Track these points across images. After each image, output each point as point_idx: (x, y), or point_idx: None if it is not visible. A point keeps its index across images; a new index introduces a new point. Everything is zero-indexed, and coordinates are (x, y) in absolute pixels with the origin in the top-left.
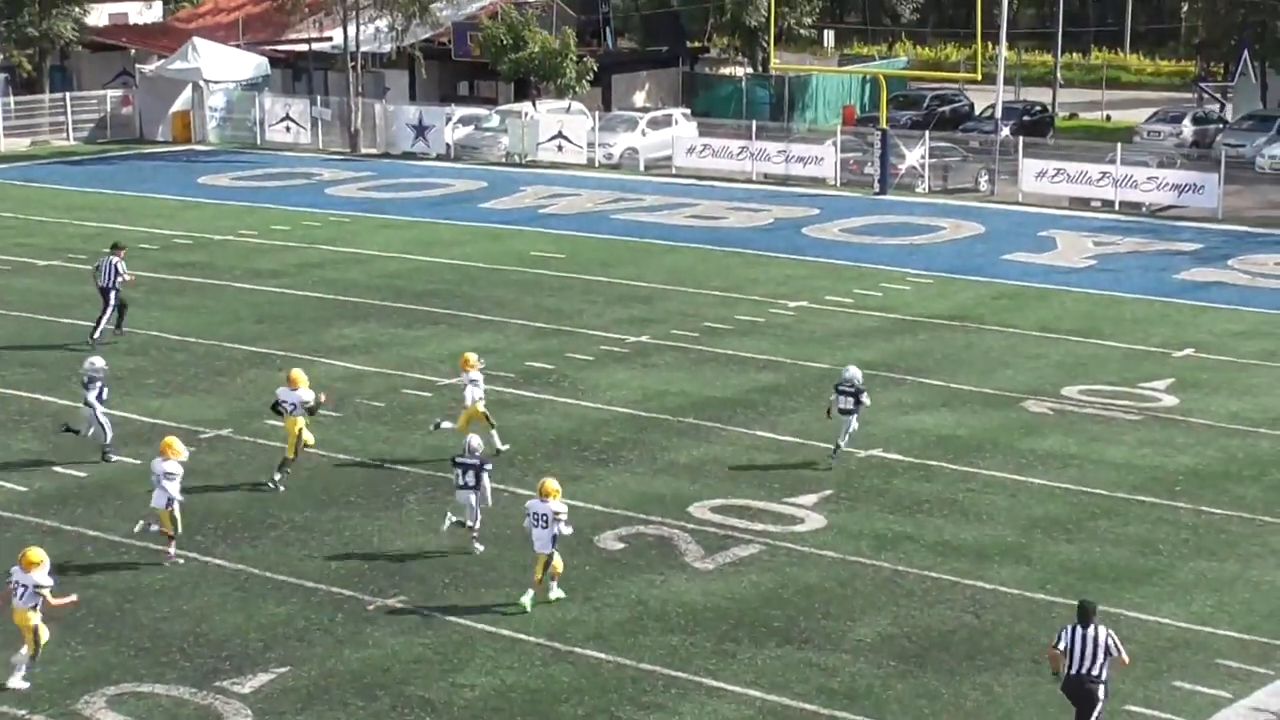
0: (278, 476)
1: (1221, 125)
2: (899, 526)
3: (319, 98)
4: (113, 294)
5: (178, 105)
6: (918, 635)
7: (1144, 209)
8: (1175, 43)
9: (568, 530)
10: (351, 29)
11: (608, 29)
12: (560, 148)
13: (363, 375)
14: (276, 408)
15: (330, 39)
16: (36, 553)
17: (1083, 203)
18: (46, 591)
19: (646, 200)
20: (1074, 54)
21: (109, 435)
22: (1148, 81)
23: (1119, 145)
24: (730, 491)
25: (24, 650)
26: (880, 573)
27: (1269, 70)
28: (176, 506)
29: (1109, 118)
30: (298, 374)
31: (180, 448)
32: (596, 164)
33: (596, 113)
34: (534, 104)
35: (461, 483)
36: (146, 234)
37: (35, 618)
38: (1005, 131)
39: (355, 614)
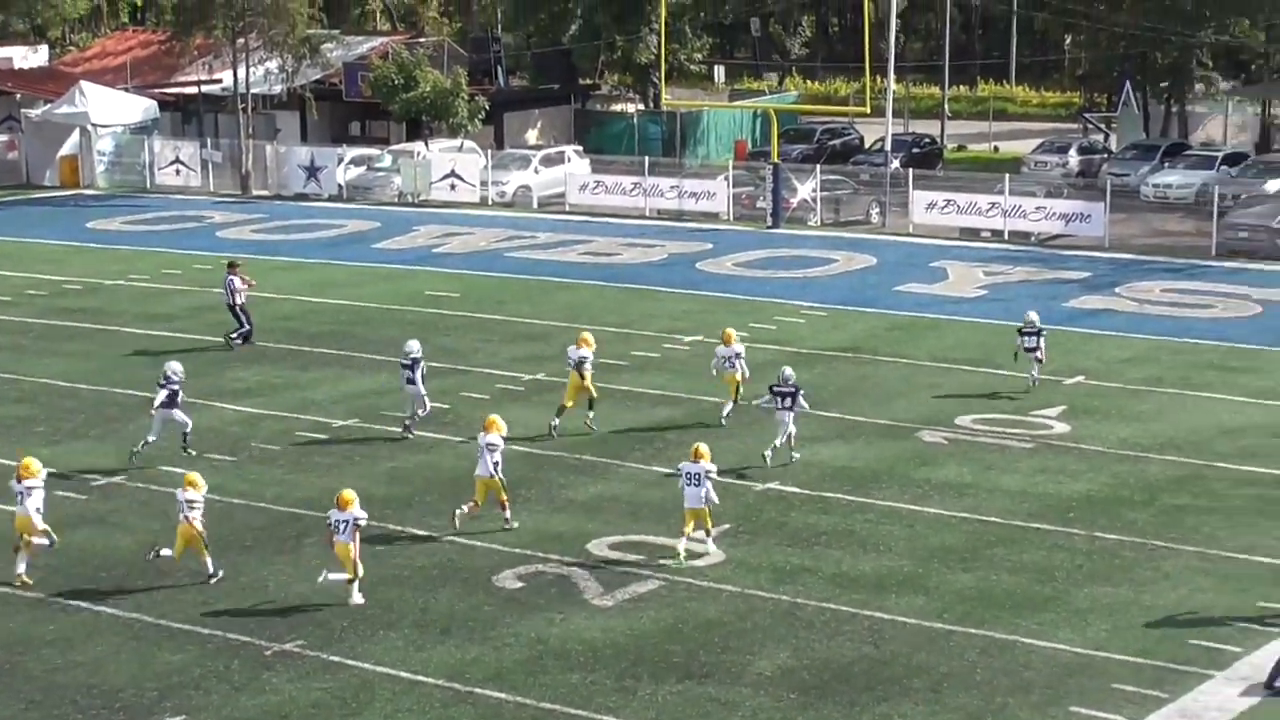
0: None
1: (1106, 155)
2: (797, 559)
3: (209, 140)
4: (238, 309)
5: (65, 150)
6: (817, 667)
7: (1033, 238)
8: (1060, 74)
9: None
10: (241, 71)
11: (499, 67)
12: (453, 187)
13: (258, 419)
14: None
15: (220, 81)
16: (349, 493)
17: (973, 233)
18: (363, 522)
19: (540, 238)
20: (961, 86)
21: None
22: (1034, 113)
23: (1007, 176)
24: (628, 528)
25: (355, 578)
26: (779, 605)
27: (1150, 100)
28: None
29: (997, 149)
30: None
31: (199, 480)
32: (490, 202)
33: (489, 151)
34: (426, 143)
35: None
36: (34, 280)
37: (354, 549)
38: (895, 164)
39: (253, 660)
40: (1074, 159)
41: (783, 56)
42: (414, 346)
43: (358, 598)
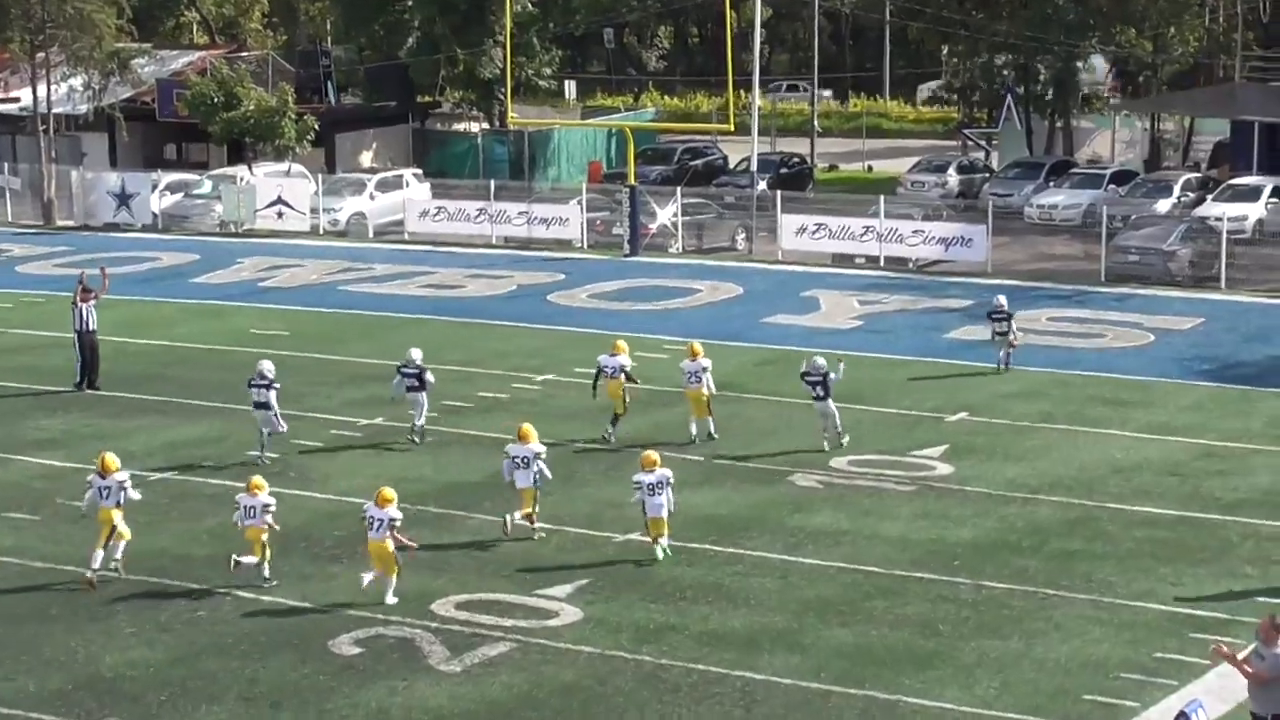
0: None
1: (987, 174)
2: (661, 616)
3: (6, 165)
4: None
5: None
6: None
7: (910, 264)
8: (937, 88)
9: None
10: (42, 88)
11: (329, 84)
12: (280, 215)
13: (63, 473)
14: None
15: (18, 100)
16: (389, 491)
17: (846, 259)
18: (399, 523)
19: (377, 270)
20: (832, 101)
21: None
22: (909, 129)
23: (882, 198)
24: (477, 585)
25: (391, 579)
26: (642, 667)
27: (1033, 115)
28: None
29: (870, 168)
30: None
31: (263, 481)
32: (321, 231)
33: (319, 175)
34: (250, 167)
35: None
36: None
37: (390, 545)
38: (762, 185)
39: None
40: (953, 178)
41: (639, 70)
42: (416, 355)
43: (391, 599)
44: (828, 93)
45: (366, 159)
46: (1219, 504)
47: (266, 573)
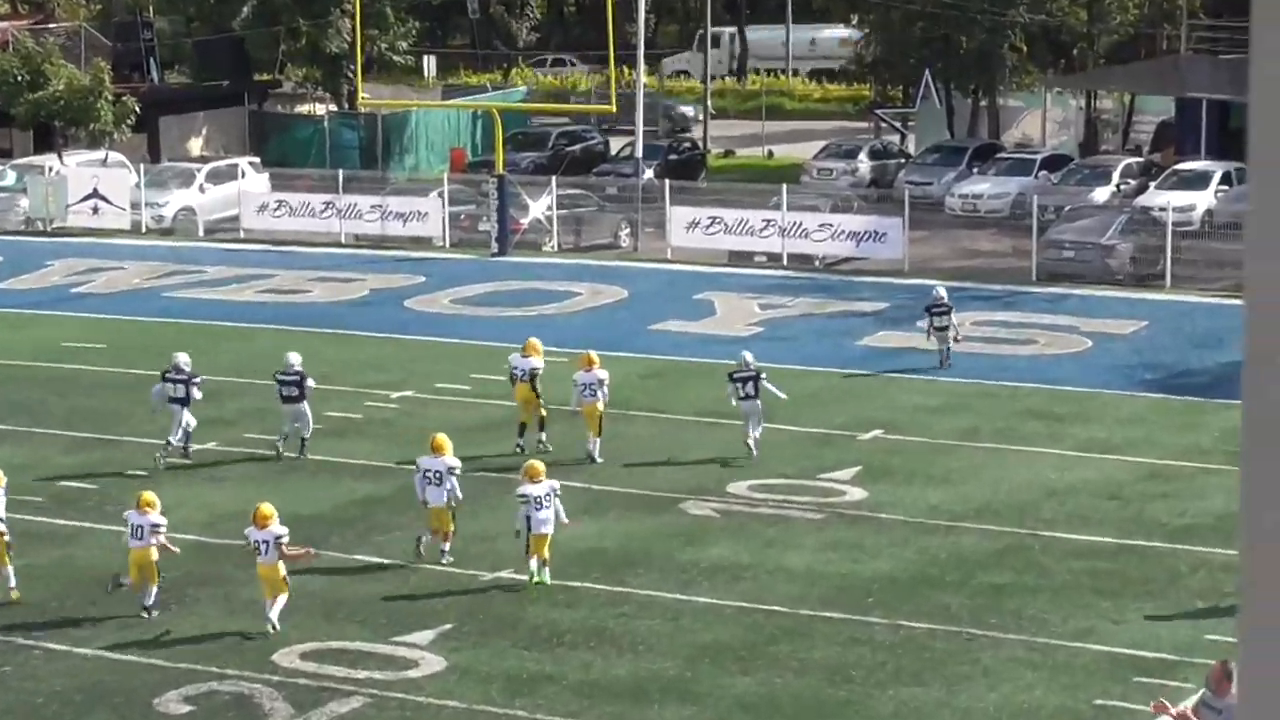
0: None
1: (903, 160)
2: (536, 664)
3: None
4: None
5: None
6: None
7: (817, 262)
8: (845, 63)
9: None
10: None
11: (152, 60)
12: (96, 210)
13: None
14: None
15: None
16: (267, 507)
17: (744, 257)
18: (286, 539)
19: (209, 272)
20: (726, 79)
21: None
22: (815, 110)
23: (784, 187)
24: (325, 632)
25: (281, 598)
26: None
27: (955, 93)
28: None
29: (771, 154)
30: None
31: (154, 498)
32: (143, 229)
33: (141, 165)
34: (60, 156)
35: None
36: None
37: (282, 569)
38: (648, 174)
39: None
40: (865, 165)
41: (508, 44)
42: (295, 360)
43: (275, 622)
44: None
45: (195, 146)
46: (1165, 530)
47: (150, 600)
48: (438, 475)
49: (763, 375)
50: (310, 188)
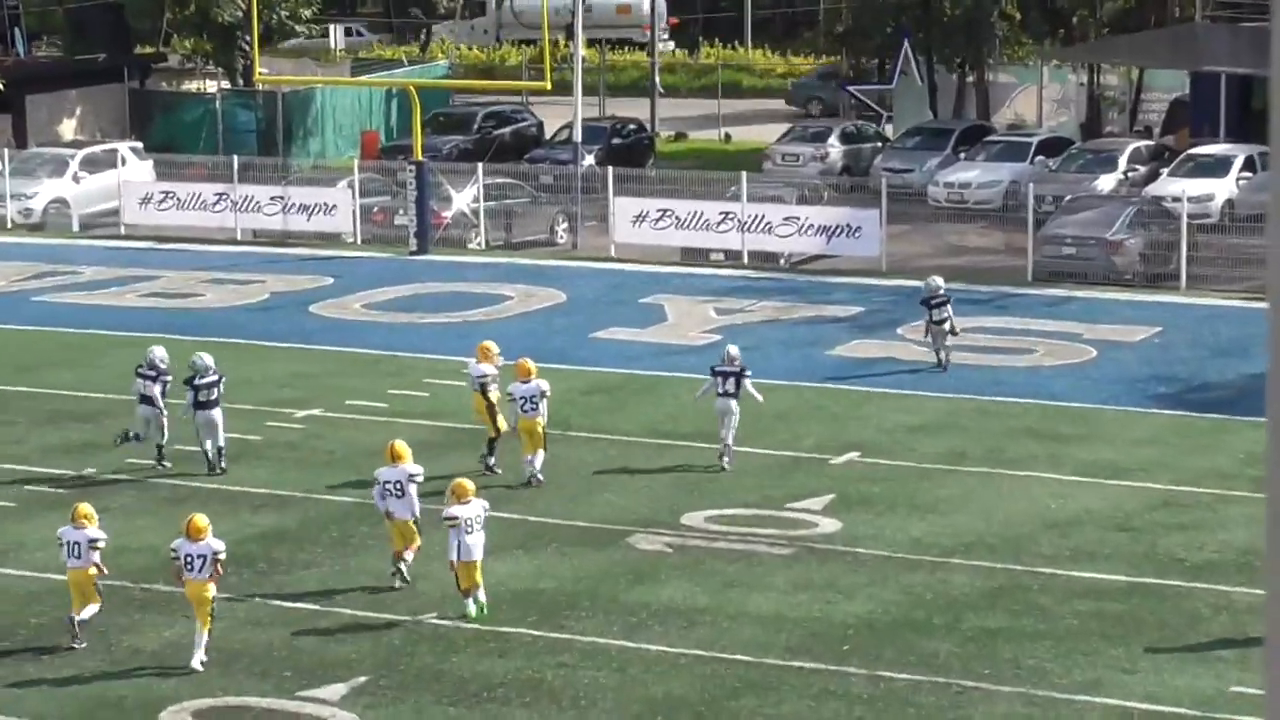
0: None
1: (880, 144)
2: None
3: None
4: None
5: None
6: None
7: (782, 261)
8: (812, 33)
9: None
10: None
11: (17, 31)
12: None
13: None
14: None
15: None
16: (201, 519)
17: (699, 255)
18: (223, 556)
19: (85, 274)
20: (678, 51)
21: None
22: (778, 87)
23: (744, 175)
24: (221, 686)
25: (202, 629)
26: None
27: (938, 67)
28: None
29: (728, 137)
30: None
31: (91, 510)
32: (9, 224)
33: (5, 151)
34: None
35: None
36: None
37: (212, 589)
38: (589, 161)
39: None
40: (835, 150)
41: (427, 13)
42: (207, 361)
43: (199, 658)
44: (671, 43)
45: (68, 129)
46: (1182, 567)
47: (83, 616)
48: (399, 486)
49: (747, 373)
50: (201, 177)
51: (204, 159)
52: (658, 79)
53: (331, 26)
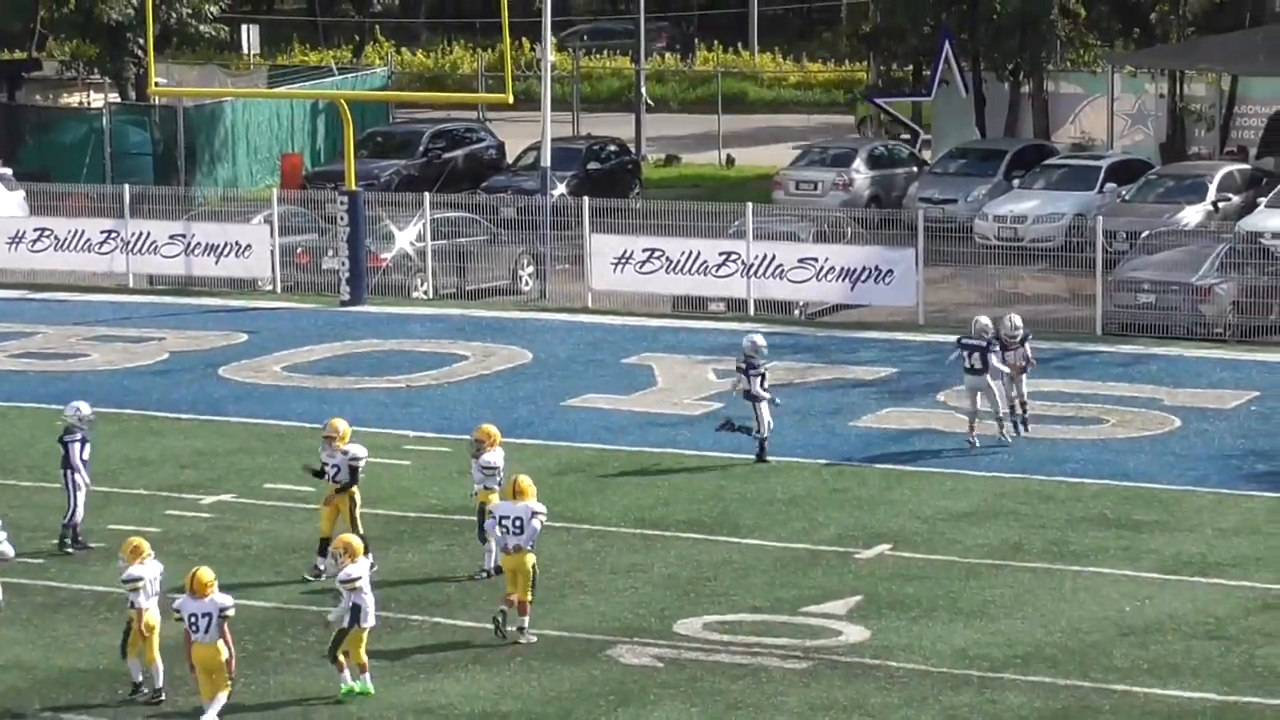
0: None
1: (915, 169)
2: None
3: None
4: None
5: None
6: None
7: (797, 312)
8: (832, 34)
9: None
10: None
11: None
12: None
13: None
14: None
15: None
16: (206, 572)
17: (695, 306)
18: (231, 612)
19: None
20: (668, 56)
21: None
22: (790, 99)
23: (749, 207)
24: None
25: (221, 697)
26: None
27: (986, 75)
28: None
29: (731, 161)
30: None
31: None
32: None
33: None
34: None
35: None
36: None
37: (224, 650)
38: (560, 190)
39: None
40: (861, 176)
41: (360, 9)
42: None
43: None
44: (661, 43)
45: None
46: None
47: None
48: (518, 523)
49: (994, 347)
50: (84, 210)
51: (87, 189)
52: (644, 90)
53: (244, 27)
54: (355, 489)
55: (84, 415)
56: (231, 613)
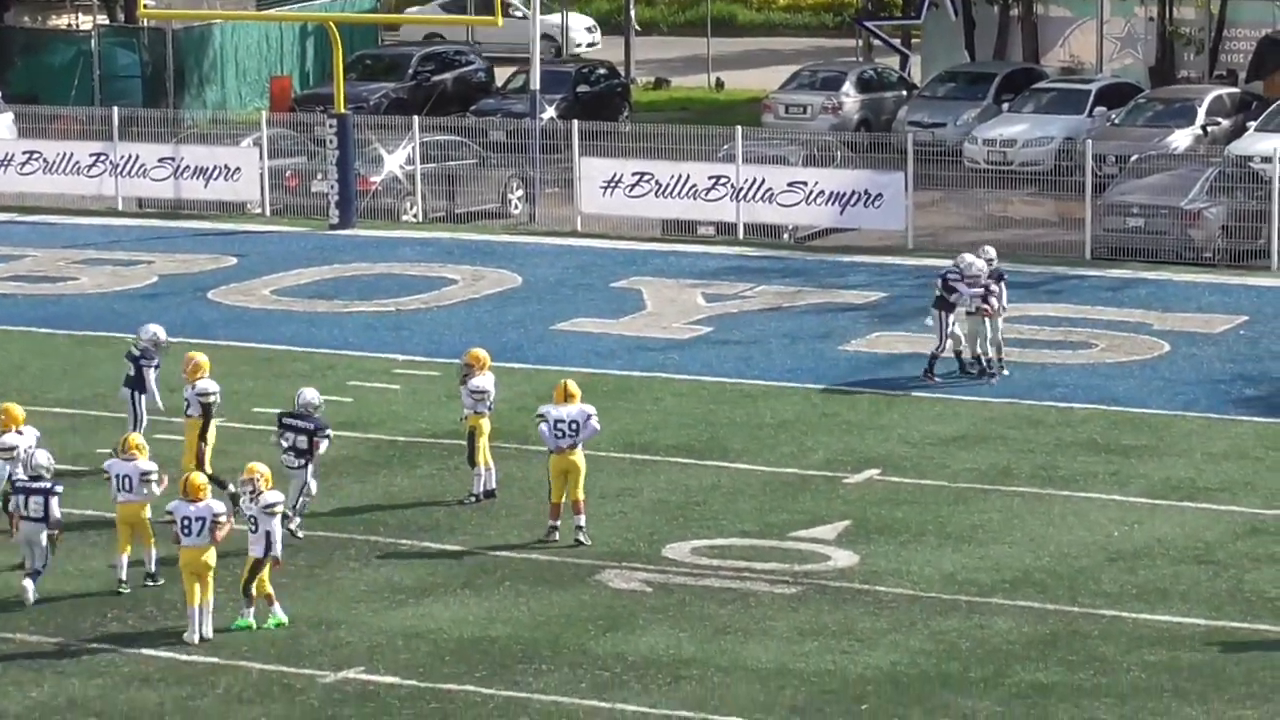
0: None
1: (905, 92)
2: None
3: None
4: None
5: None
6: None
7: (786, 235)
8: None
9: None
10: None
11: None
12: None
13: None
14: None
15: None
16: (200, 476)
17: (684, 229)
18: (222, 519)
19: None
20: None
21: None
22: (780, 22)
23: (739, 130)
24: None
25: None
26: None
27: None
28: None
29: (720, 84)
30: None
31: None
32: None
33: None
34: None
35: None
36: None
37: (211, 555)
38: (550, 113)
39: None
40: (851, 99)
41: None
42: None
43: (208, 628)
44: None
45: None
46: (1274, 608)
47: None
48: (574, 426)
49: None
50: (73, 133)
51: (76, 111)
52: (633, 12)
53: None
54: (210, 426)
55: (160, 340)
56: (224, 519)
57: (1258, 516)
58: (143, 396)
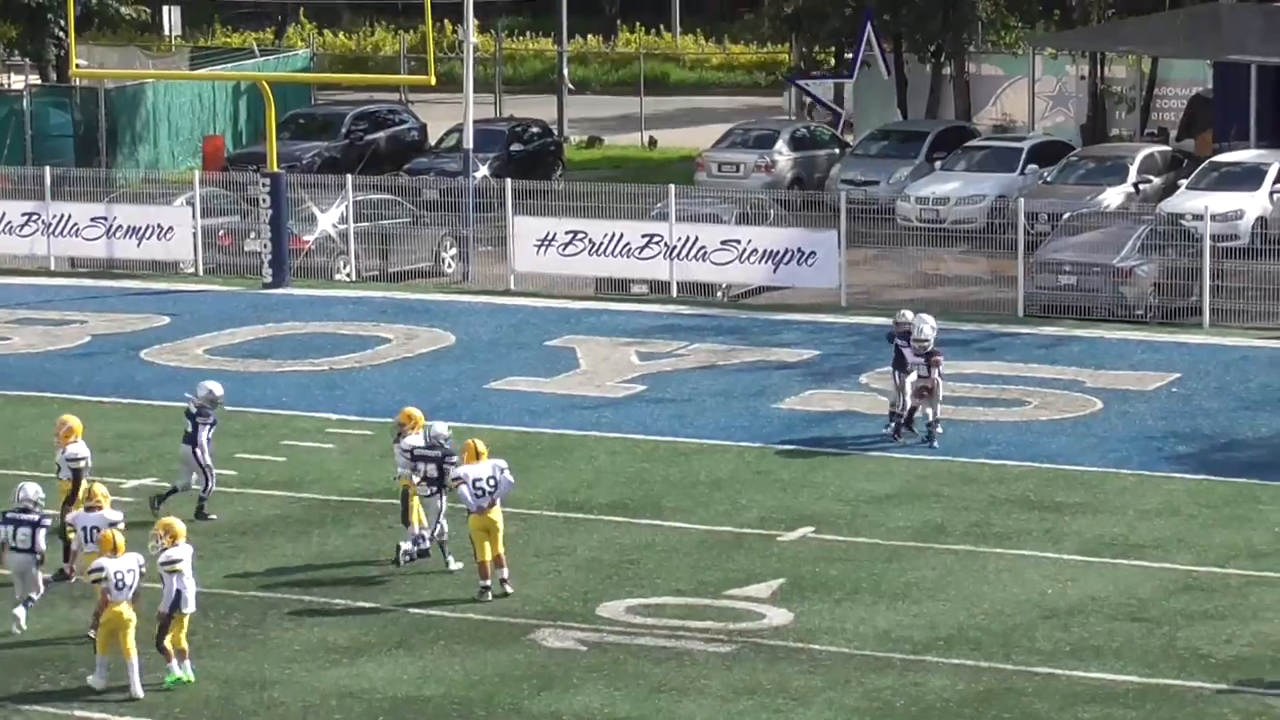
0: None
1: (837, 150)
2: None
3: None
4: None
5: None
6: None
7: (720, 294)
8: (755, 15)
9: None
10: None
11: None
12: None
13: None
14: None
15: None
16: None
17: (617, 287)
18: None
19: None
20: (590, 37)
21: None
22: (713, 81)
23: (672, 189)
24: None
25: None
26: None
27: (908, 56)
28: None
29: (653, 143)
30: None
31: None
32: None
33: None
34: None
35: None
36: None
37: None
38: (483, 172)
39: None
40: (784, 157)
41: None
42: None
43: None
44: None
45: None
46: (1208, 664)
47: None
48: (491, 482)
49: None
50: (5, 192)
51: (8, 170)
52: (566, 72)
53: (165, 8)
54: (80, 490)
55: (216, 397)
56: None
57: (1190, 573)
58: (203, 452)
